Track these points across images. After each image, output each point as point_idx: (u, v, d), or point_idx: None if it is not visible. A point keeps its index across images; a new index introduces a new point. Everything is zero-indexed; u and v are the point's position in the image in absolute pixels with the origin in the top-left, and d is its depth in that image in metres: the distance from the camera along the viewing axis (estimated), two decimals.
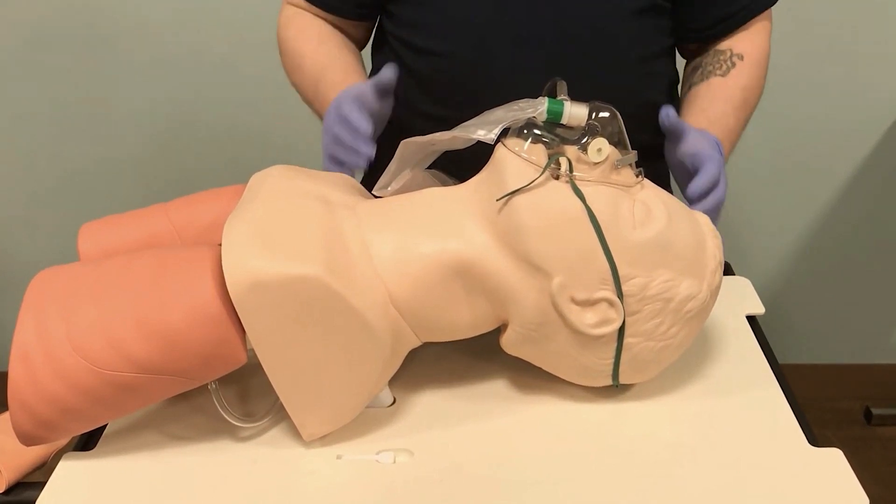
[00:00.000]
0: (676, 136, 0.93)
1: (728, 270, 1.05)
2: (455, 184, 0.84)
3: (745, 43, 1.05)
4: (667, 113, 0.92)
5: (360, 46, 1.13)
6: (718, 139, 0.98)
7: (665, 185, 1.14)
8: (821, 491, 0.70)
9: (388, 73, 0.93)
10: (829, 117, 1.76)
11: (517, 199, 0.73)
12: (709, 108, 1.01)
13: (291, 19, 1.08)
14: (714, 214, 0.85)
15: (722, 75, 1.03)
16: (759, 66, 1.05)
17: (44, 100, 1.75)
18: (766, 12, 1.06)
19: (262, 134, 1.71)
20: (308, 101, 1.07)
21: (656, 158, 1.14)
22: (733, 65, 1.03)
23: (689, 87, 1.08)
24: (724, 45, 1.06)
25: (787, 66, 1.68)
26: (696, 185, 0.85)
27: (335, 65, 1.03)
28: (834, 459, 0.73)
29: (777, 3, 1.05)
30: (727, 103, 1.02)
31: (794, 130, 1.77)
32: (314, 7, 1.06)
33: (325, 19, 1.08)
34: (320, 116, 1.02)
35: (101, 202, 1.85)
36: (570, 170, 0.74)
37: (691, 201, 0.86)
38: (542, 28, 0.98)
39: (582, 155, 0.75)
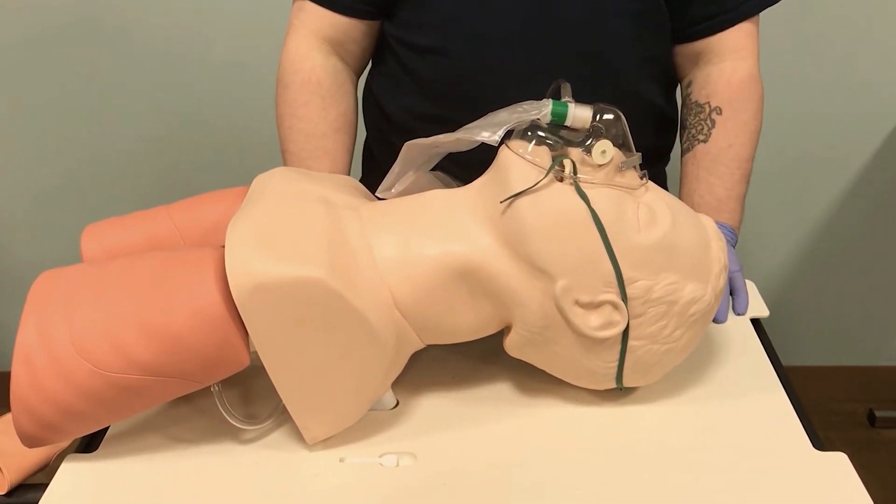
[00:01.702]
0: None
1: None
2: (458, 186, 0.83)
3: (723, 80, 1.04)
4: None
5: (368, 57, 1.12)
6: (716, 220, 1.01)
7: (663, 188, 1.14)
8: (825, 495, 0.70)
9: None
10: (832, 121, 1.76)
11: (521, 201, 0.73)
12: (696, 192, 1.04)
13: (298, 63, 1.05)
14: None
15: (704, 140, 1.04)
16: (742, 107, 1.04)
17: (47, 99, 1.75)
18: (754, 18, 1.05)
19: (266, 135, 1.71)
20: (283, 158, 1.08)
21: (656, 161, 1.14)
22: (713, 123, 1.03)
23: (682, 154, 1.09)
24: (703, 94, 1.05)
25: (790, 68, 1.68)
26: (741, 306, 0.97)
27: (321, 158, 1.05)
28: (839, 463, 0.73)
29: (780, 17, 1.04)
30: (712, 174, 1.03)
31: (797, 134, 1.76)
32: (324, 9, 1.05)
33: (333, 41, 1.06)
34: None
35: (103, 203, 1.85)
36: (574, 172, 0.74)
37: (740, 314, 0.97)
38: (544, 30, 0.98)
39: (586, 157, 0.75)
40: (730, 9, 1.02)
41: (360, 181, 1.17)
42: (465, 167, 0.83)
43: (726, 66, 1.04)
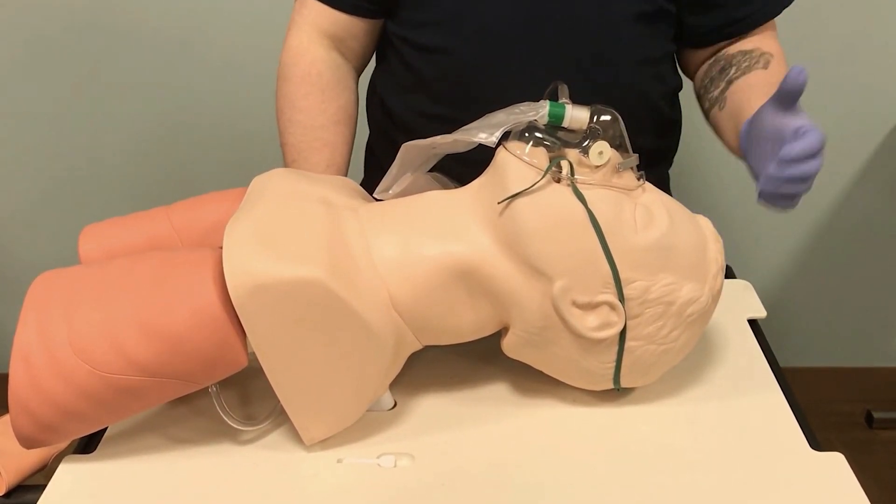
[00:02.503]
0: (790, 102, 0.81)
1: (729, 274, 1.05)
2: (456, 187, 0.84)
3: (767, 42, 1.03)
4: (800, 71, 0.78)
5: (369, 54, 1.12)
6: None
7: (665, 190, 1.14)
8: (823, 495, 0.70)
9: None
10: (830, 121, 1.76)
11: (519, 202, 0.73)
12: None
13: (299, 57, 1.05)
14: (804, 184, 0.78)
15: (763, 68, 1.00)
16: (783, 66, 1.02)
17: (45, 100, 1.75)
18: (771, 22, 1.05)
19: (266, 136, 1.71)
20: (282, 151, 1.08)
21: (657, 163, 1.14)
22: (769, 59, 1.00)
23: (728, 84, 1.01)
24: (748, 44, 1.03)
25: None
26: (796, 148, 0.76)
27: (320, 149, 1.05)
28: (836, 464, 0.73)
29: (781, 13, 1.05)
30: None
31: None
32: (325, 6, 1.05)
33: (334, 37, 1.06)
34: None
35: (101, 203, 1.85)
36: (572, 173, 0.74)
37: (789, 159, 0.76)
38: (546, 29, 0.98)
39: (583, 158, 0.75)
40: (760, 7, 1.02)
41: (362, 181, 1.18)
42: (466, 164, 0.83)
43: (762, 37, 1.03)
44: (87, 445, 0.77)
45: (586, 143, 0.75)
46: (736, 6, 1.02)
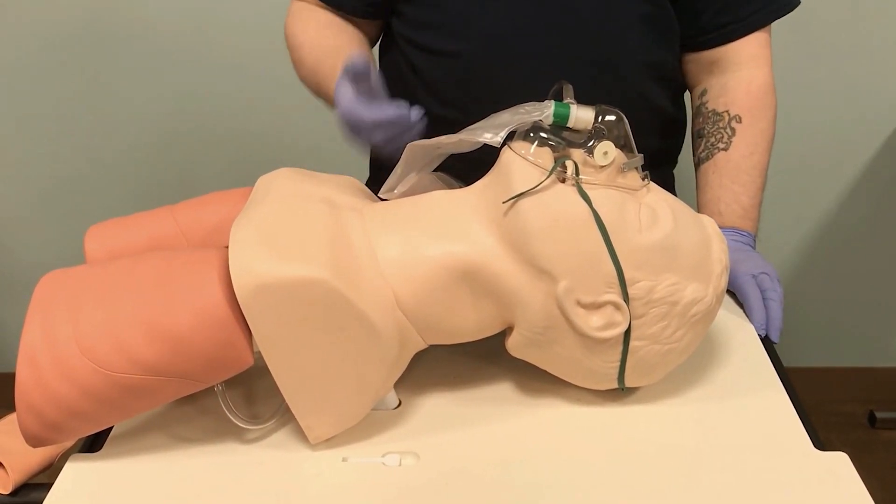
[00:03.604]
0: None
1: None
2: (461, 186, 0.84)
3: (741, 89, 1.05)
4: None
5: (370, 44, 1.13)
6: (742, 228, 1.01)
7: (671, 191, 1.14)
8: (826, 495, 0.70)
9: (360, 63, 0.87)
10: (832, 123, 1.76)
11: (523, 201, 0.73)
12: (722, 200, 1.03)
13: (295, 14, 1.08)
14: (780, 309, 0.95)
15: (724, 148, 1.04)
16: (760, 116, 1.05)
17: (47, 100, 1.75)
18: (767, 27, 1.06)
19: (269, 136, 1.72)
20: (315, 94, 1.07)
21: (662, 164, 1.14)
22: (733, 132, 1.04)
23: (698, 163, 1.08)
24: (721, 102, 1.06)
25: (788, 71, 1.68)
26: (758, 322, 0.93)
27: (330, 53, 1.02)
28: (840, 464, 0.73)
29: (772, 23, 1.06)
30: (736, 182, 1.03)
31: (797, 135, 1.77)
32: (322, 3, 1.06)
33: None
34: (329, 106, 1.01)
35: (104, 204, 1.85)
36: (577, 173, 0.74)
37: (770, 332, 0.93)
38: (551, 32, 0.98)
39: (588, 158, 0.75)
40: (742, 18, 1.03)
41: (368, 180, 1.18)
42: (471, 164, 0.84)
43: (743, 74, 1.04)
44: (93, 444, 0.78)
45: (591, 143, 0.75)
46: (730, 12, 1.02)
